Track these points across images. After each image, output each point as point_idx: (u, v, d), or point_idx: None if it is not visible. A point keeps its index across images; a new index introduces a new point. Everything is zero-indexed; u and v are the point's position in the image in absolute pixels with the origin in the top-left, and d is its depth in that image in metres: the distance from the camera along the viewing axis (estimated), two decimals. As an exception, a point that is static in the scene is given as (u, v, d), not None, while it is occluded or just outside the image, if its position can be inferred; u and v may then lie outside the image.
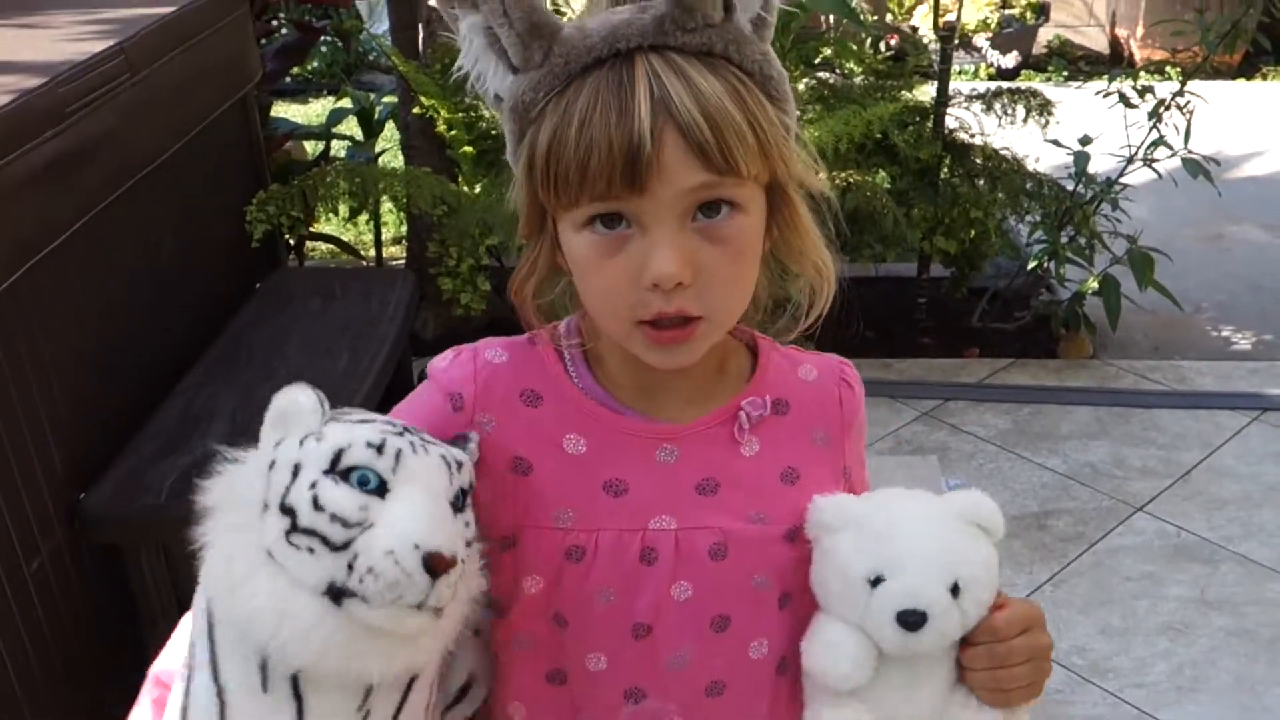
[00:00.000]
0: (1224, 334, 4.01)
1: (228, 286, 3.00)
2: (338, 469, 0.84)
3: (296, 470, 0.85)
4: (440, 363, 1.03)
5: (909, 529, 0.98)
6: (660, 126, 0.85)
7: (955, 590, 0.95)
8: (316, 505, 0.82)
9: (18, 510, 1.99)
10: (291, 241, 3.58)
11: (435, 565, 0.81)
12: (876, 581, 0.95)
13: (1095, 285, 3.71)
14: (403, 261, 4.08)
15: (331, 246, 4.11)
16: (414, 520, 0.83)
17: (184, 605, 2.52)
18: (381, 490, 0.84)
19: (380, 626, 0.82)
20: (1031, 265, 3.82)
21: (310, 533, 0.82)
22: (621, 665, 1.00)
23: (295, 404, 0.89)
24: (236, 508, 0.86)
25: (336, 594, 0.81)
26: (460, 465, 0.90)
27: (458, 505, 0.88)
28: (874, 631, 0.96)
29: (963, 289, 3.92)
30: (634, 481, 0.98)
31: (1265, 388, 3.60)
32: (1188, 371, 3.72)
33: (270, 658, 0.83)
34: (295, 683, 0.85)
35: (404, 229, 4.18)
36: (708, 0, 0.87)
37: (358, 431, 0.87)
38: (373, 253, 4.07)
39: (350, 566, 0.81)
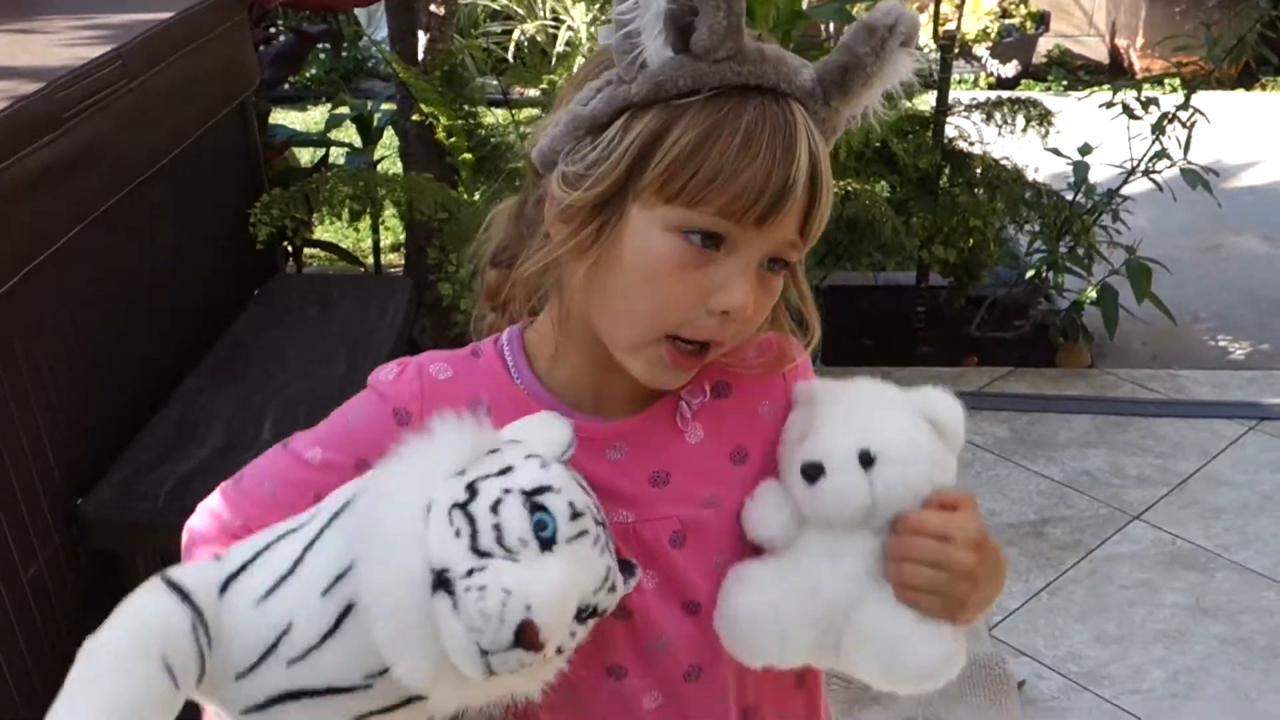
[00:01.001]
0: (1221, 343, 4.02)
1: (226, 293, 3.00)
2: (533, 499, 0.84)
3: (505, 471, 0.86)
4: (384, 375, 1.04)
5: (846, 402, 1.01)
6: (805, 179, 0.90)
7: (867, 459, 0.95)
8: (494, 508, 0.83)
9: (15, 516, 1.99)
10: (290, 248, 3.58)
11: (527, 634, 0.79)
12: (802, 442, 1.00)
13: (1093, 295, 3.72)
14: (400, 269, 4.08)
15: (329, 254, 4.11)
16: (549, 588, 0.81)
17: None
18: (547, 545, 0.83)
19: (443, 641, 0.80)
20: (1030, 275, 3.83)
21: (470, 521, 0.82)
22: (603, 641, 0.99)
23: (550, 426, 0.93)
24: (437, 457, 0.87)
25: (441, 582, 0.80)
26: (614, 589, 0.90)
27: (583, 614, 0.87)
28: (791, 489, 0.99)
29: (961, 298, 3.93)
30: (589, 480, 0.99)
31: (1262, 397, 3.61)
32: (1185, 381, 3.72)
33: (353, 569, 0.84)
34: (345, 610, 0.85)
35: (401, 236, 4.18)
36: (862, 91, 0.93)
37: (573, 490, 0.87)
38: (371, 260, 4.07)
39: (470, 573, 0.80)
